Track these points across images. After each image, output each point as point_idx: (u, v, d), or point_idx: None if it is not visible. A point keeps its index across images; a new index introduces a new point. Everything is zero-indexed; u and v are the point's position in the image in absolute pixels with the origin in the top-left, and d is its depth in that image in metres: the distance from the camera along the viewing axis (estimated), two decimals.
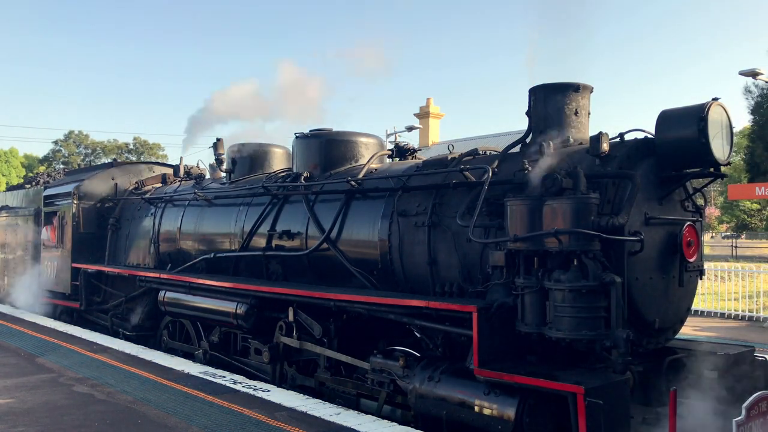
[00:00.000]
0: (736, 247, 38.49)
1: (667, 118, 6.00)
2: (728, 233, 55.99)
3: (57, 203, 13.90)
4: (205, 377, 8.05)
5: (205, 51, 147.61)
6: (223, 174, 11.17)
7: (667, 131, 5.96)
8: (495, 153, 7.29)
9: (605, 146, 5.94)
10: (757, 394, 4.85)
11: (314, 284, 8.29)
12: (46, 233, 14.12)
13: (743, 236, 51.92)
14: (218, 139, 11.75)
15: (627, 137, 6.32)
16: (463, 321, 5.90)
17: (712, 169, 6.11)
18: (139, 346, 10.38)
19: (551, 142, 6.22)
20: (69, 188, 13.56)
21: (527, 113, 6.90)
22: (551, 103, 6.66)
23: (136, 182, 13.61)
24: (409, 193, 7.36)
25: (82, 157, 70.77)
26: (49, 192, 14.51)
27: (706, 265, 8.07)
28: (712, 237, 54.08)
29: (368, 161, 8.42)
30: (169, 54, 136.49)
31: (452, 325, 6.10)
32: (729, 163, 6.17)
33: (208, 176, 12.21)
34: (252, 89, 11.67)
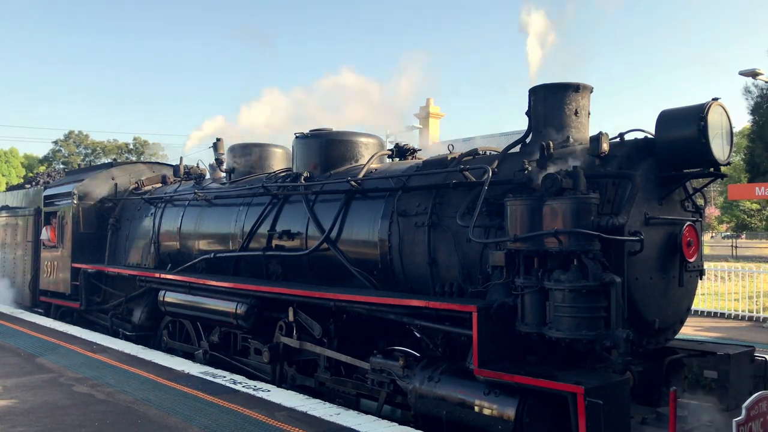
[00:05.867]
0: (736, 247, 38.49)
1: (667, 118, 6.00)
2: (728, 233, 55.98)
3: (57, 203, 13.90)
4: (205, 377, 8.05)
5: (206, 51, 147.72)
6: (223, 174, 11.19)
7: (667, 131, 5.96)
8: (495, 153, 7.29)
9: (605, 146, 5.95)
10: (757, 394, 4.85)
11: (314, 284, 8.29)
12: (46, 233, 14.12)
13: (743, 236, 51.93)
14: (218, 139, 11.77)
15: (627, 137, 6.33)
16: (463, 321, 5.89)
17: (712, 169, 6.11)
18: (139, 346, 10.37)
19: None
20: (69, 188, 13.57)
21: (527, 113, 6.91)
22: (551, 103, 6.67)
23: (136, 182, 13.61)
24: (409, 193, 7.36)
25: (82, 157, 70.70)
26: (49, 192, 14.52)
27: (706, 265, 8.07)
28: (712, 237, 54.07)
29: (368, 161, 8.42)
30: (169, 53, 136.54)
31: (452, 325, 6.10)
32: (729, 163, 6.18)
33: (208, 176, 12.22)
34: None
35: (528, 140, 6.93)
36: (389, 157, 9.17)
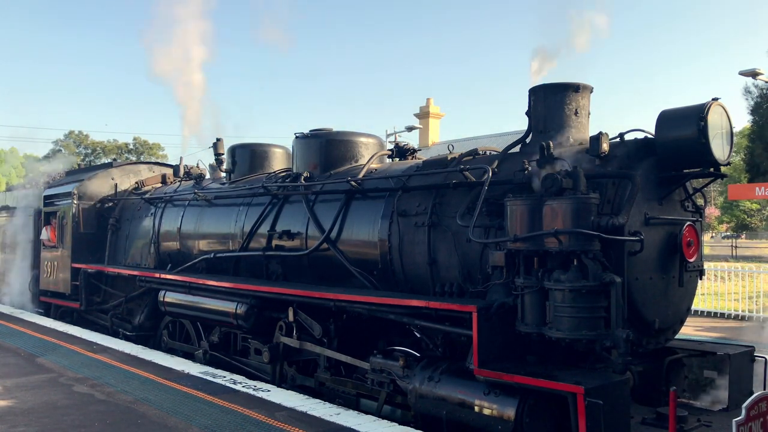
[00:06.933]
0: (736, 247, 38.50)
1: (667, 118, 6.00)
2: (728, 233, 56.02)
3: (57, 203, 13.90)
4: (205, 377, 8.04)
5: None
6: (223, 174, 11.19)
7: (667, 131, 5.96)
8: (495, 153, 7.29)
9: (605, 146, 5.95)
10: (757, 394, 4.85)
11: (314, 284, 8.29)
12: (46, 233, 14.12)
13: (743, 236, 51.95)
14: (218, 139, 11.77)
15: (627, 137, 6.33)
16: (463, 321, 5.89)
17: (712, 169, 6.11)
18: (139, 346, 10.37)
19: None
20: (69, 188, 13.57)
21: (527, 113, 6.91)
22: (551, 103, 6.67)
23: (136, 182, 13.62)
24: (409, 193, 7.36)
25: (82, 157, 70.69)
26: (49, 192, 14.52)
27: (706, 265, 8.07)
28: (712, 237, 54.09)
29: (368, 161, 8.42)
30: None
31: (452, 325, 6.10)
32: (729, 163, 6.18)
33: (208, 176, 12.23)
34: None
35: (528, 140, 6.94)
36: (389, 157, 9.17)
